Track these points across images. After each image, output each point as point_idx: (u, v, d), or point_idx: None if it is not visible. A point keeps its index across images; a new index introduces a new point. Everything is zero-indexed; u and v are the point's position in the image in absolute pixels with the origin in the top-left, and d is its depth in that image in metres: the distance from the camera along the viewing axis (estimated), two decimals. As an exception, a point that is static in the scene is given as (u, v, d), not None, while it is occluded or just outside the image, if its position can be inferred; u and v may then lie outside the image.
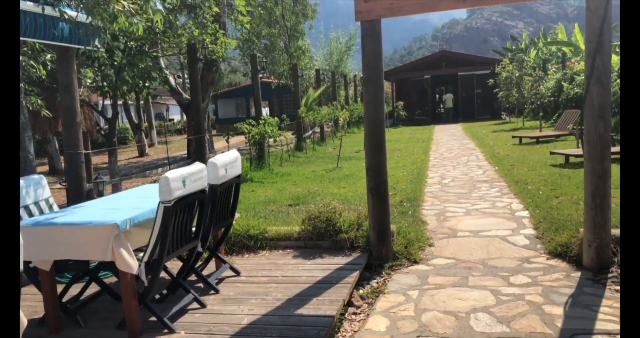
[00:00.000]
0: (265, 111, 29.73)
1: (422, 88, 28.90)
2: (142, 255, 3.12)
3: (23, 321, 2.02)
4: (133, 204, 3.46)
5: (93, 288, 3.71)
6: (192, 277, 3.95)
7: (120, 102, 15.29)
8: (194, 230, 3.51)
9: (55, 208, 3.84)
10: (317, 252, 4.53)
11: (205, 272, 4.04)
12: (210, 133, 19.97)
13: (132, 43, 7.91)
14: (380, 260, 4.29)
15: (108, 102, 9.49)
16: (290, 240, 4.78)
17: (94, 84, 8.55)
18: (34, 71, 6.43)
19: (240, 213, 5.60)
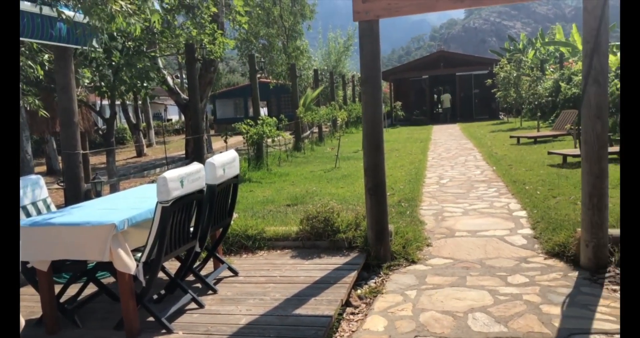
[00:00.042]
0: (264, 111, 29.73)
1: (420, 88, 28.92)
2: (140, 255, 3.12)
3: (21, 321, 2.02)
4: (131, 205, 3.46)
5: (91, 289, 3.71)
6: (190, 277, 3.95)
7: (118, 102, 15.25)
8: (192, 230, 3.51)
9: (53, 208, 3.83)
10: (315, 252, 4.53)
11: (204, 272, 4.03)
12: (209, 133, 19.97)
13: (130, 43, 7.90)
14: (378, 260, 4.30)
15: (106, 102, 9.49)
16: (289, 240, 4.78)
17: (92, 84, 8.54)
18: (32, 71, 6.42)
19: (239, 213, 5.60)
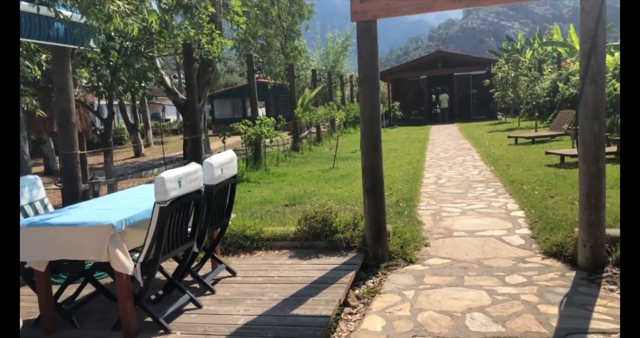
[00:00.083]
0: (262, 111, 29.72)
1: (418, 88, 28.95)
2: (137, 255, 3.12)
3: (18, 322, 2.02)
4: (129, 205, 3.46)
5: (88, 289, 3.71)
6: (188, 278, 3.95)
7: (116, 102, 15.24)
8: (190, 230, 3.51)
9: (50, 209, 3.83)
10: (313, 252, 4.53)
11: (201, 273, 4.03)
12: (207, 133, 19.97)
13: (127, 43, 7.90)
14: (376, 260, 4.30)
15: (104, 102, 9.48)
16: (287, 240, 4.78)
17: (90, 85, 8.53)
18: (29, 71, 6.40)
19: (237, 214, 5.60)
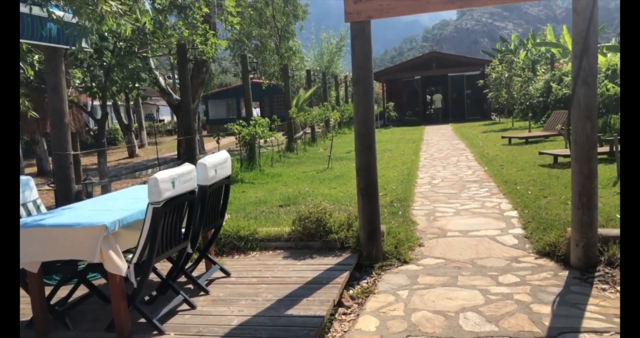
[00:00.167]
0: (256, 111, 29.72)
1: (412, 89, 29.00)
2: (131, 256, 3.11)
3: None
4: (122, 206, 3.44)
5: (82, 290, 3.70)
6: (181, 278, 3.94)
7: (110, 103, 15.18)
8: (184, 231, 3.50)
9: (43, 210, 3.81)
10: (307, 253, 4.54)
11: (195, 273, 4.02)
12: (201, 134, 19.92)
13: (121, 44, 7.87)
14: (371, 260, 4.31)
15: (97, 103, 9.42)
16: (281, 240, 4.78)
17: (83, 85, 8.49)
18: (22, 71, 6.37)
19: (231, 214, 5.59)
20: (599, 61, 14.21)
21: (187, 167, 3.29)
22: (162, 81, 13.02)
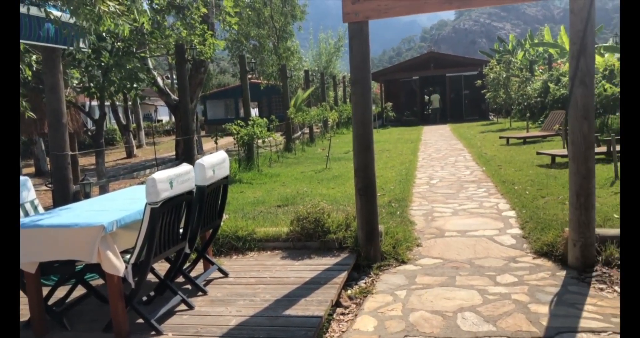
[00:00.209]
0: (255, 111, 29.65)
1: (410, 89, 29.03)
2: (129, 256, 3.11)
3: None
4: (120, 206, 3.44)
5: (79, 291, 3.69)
6: (179, 279, 3.94)
7: (108, 103, 15.17)
8: (182, 231, 3.50)
9: (41, 210, 3.80)
10: (305, 253, 4.54)
11: (193, 274, 4.02)
12: (199, 134, 19.91)
13: (119, 44, 7.87)
14: (369, 260, 4.31)
15: (95, 103, 9.43)
16: (279, 241, 4.78)
17: (81, 85, 8.48)
18: (20, 72, 6.37)
19: (229, 214, 5.59)
20: (597, 61, 14.23)
21: (185, 167, 3.29)
22: (160, 81, 13.01)
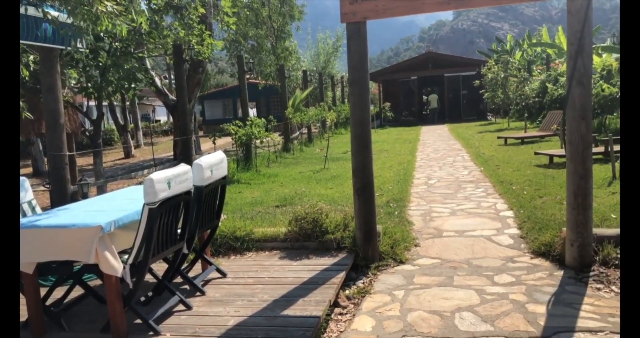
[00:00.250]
0: (253, 112, 29.68)
1: (409, 89, 29.05)
2: (127, 257, 3.10)
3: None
4: (118, 206, 3.44)
5: (77, 291, 3.69)
6: (177, 279, 3.93)
7: (106, 103, 15.16)
8: (180, 231, 3.50)
9: (38, 211, 3.80)
10: (303, 253, 4.54)
11: (191, 274, 4.02)
12: (197, 134, 19.90)
13: (117, 44, 7.86)
14: (367, 260, 4.31)
15: (93, 103, 9.41)
16: (277, 241, 4.78)
17: (79, 85, 8.47)
18: (17, 72, 6.35)
19: (227, 215, 5.59)
20: (594, 61, 14.26)
21: (183, 168, 3.29)
22: (158, 81, 13.01)
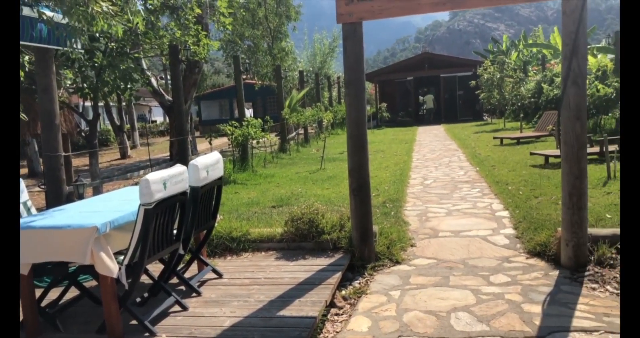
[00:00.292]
0: (249, 112, 29.68)
1: (405, 90, 29.08)
2: (122, 258, 3.10)
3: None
4: (114, 207, 3.43)
5: (73, 292, 3.68)
6: (173, 280, 3.93)
7: (102, 103, 15.10)
8: (176, 232, 3.50)
9: (34, 212, 3.78)
10: (299, 253, 4.54)
11: (187, 275, 4.01)
12: (194, 135, 19.86)
13: (112, 44, 7.84)
14: (363, 260, 4.32)
15: (89, 103, 9.37)
16: (273, 241, 4.78)
17: (74, 86, 8.44)
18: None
19: (223, 215, 5.58)
20: (590, 62, 14.32)
21: (178, 168, 3.29)
22: (154, 81, 12.98)
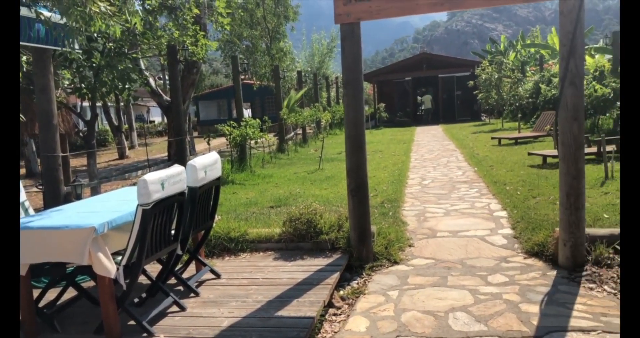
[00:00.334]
0: (247, 112, 29.63)
1: (403, 90, 29.10)
2: (120, 258, 3.09)
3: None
4: (111, 208, 3.43)
5: (70, 293, 3.67)
6: (171, 280, 3.92)
7: (100, 104, 15.08)
8: (174, 232, 3.49)
9: (31, 212, 3.78)
10: (298, 254, 4.54)
11: (185, 275, 4.01)
12: (192, 135, 19.85)
13: (110, 44, 7.83)
14: (361, 260, 4.32)
15: (87, 104, 9.37)
16: (271, 242, 4.78)
17: (72, 86, 8.43)
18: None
19: (221, 215, 5.58)
20: (587, 62, 14.35)
21: (176, 168, 3.29)
22: (152, 82, 12.97)
